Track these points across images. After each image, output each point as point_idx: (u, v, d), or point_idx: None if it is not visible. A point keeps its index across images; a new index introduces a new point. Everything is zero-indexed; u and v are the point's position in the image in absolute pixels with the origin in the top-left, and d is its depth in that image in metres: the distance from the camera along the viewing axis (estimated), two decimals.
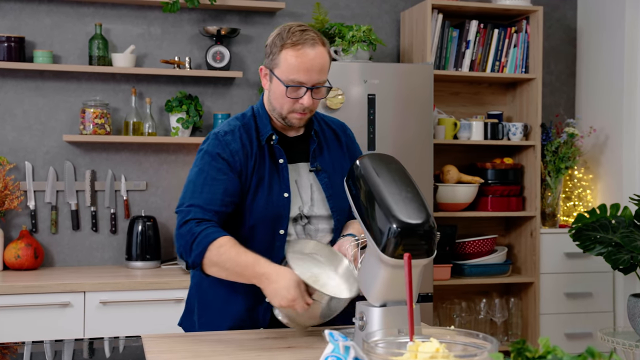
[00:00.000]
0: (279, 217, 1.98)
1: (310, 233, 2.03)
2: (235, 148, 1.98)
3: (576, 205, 4.23)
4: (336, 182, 2.05)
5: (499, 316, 3.92)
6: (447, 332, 1.44)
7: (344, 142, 2.16)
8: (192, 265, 1.89)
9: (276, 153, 2.02)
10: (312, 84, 1.95)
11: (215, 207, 1.92)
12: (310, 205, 2.04)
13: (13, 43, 3.48)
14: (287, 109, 1.99)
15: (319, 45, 1.96)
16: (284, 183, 2.00)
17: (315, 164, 2.07)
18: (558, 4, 4.37)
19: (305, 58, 1.93)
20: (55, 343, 2.07)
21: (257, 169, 1.99)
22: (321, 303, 1.78)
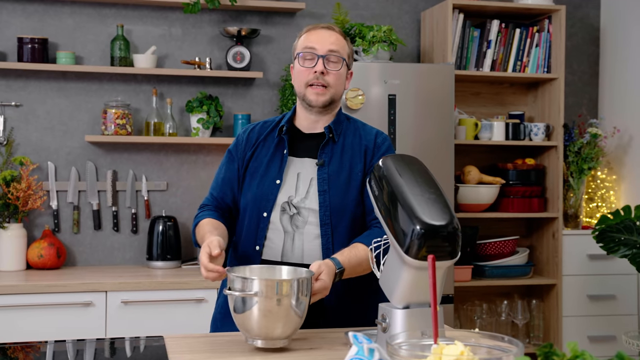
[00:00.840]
0: (266, 201, 2.08)
1: (298, 224, 2.07)
2: (242, 139, 2.20)
3: (599, 207, 4.19)
4: (337, 180, 2.09)
5: (520, 318, 3.89)
6: (472, 334, 1.43)
7: (366, 147, 2.15)
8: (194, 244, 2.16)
9: (283, 144, 2.14)
10: (324, 52, 2.07)
11: (215, 193, 2.20)
12: (303, 197, 2.08)
13: (37, 44, 3.51)
14: (304, 81, 2.10)
15: (333, 30, 2.14)
16: (280, 171, 2.10)
17: (321, 158, 2.11)
18: (580, 2, 4.33)
19: (317, 33, 2.12)
20: (77, 342, 2.09)
21: (256, 156, 2.15)
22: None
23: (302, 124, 2.17)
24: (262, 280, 1.71)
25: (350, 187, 2.10)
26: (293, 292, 1.72)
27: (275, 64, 3.89)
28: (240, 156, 2.17)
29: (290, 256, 2.07)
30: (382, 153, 2.15)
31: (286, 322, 1.73)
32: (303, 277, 1.76)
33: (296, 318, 1.75)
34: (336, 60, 2.09)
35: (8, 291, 3.07)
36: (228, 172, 2.18)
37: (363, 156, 2.14)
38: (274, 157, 2.13)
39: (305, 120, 2.16)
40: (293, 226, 2.07)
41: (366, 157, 2.14)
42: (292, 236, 2.07)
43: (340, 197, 2.07)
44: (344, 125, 2.17)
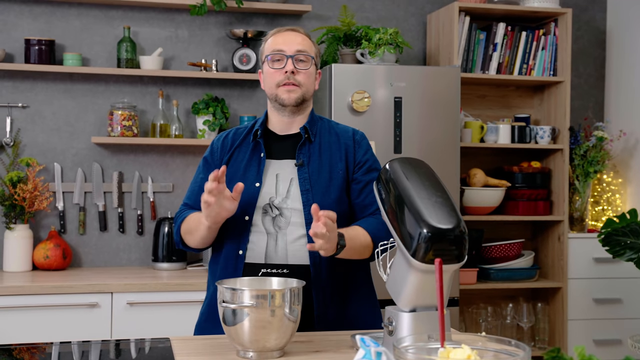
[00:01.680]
0: (247, 204, 2.08)
1: (280, 225, 2.07)
2: (217, 146, 2.21)
3: (605, 210, 4.18)
4: (319, 179, 2.10)
5: (525, 321, 3.88)
6: (478, 338, 1.42)
7: (345, 144, 2.17)
8: (176, 244, 2.19)
9: (259, 148, 2.15)
10: (293, 52, 2.11)
11: (191, 201, 2.20)
12: (284, 197, 2.08)
13: (44, 46, 3.53)
14: (275, 82, 2.12)
15: (299, 31, 2.17)
16: (259, 174, 2.11)
17: (300, 159, 2.12)
18: (587, 5, 4.33)
19: (283, 35, 2.15)
20: (82, 344, 2.08)
21: (233, 161, 2.15)
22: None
23: (276, 126, 2.18)
24: (252, 290, 1.69)
25: (332, 185, 2.11)
26: (286, 302, 1.70)
27: None
28: (217, 163, 2.17)
29: (274, 257, 2.06)
30: (364, 150, 2.19)
31: (280, 333, 1.70)
32: (295, 287, 1.74)
33: (289, 328, 1.72)
34: (305, 59, 2.12)
35: (14, 292, 3.07)
36: (205, 180, 2.11)
37: (344, 155, 2.16)
38: (251, 161, 2.14)
39: (279, 122, 2.17)
40: (275, 227, 2.07)
41: (347, 156, 2.16)
42: (274, 237, 2.07)
43: (322, 196, 2.08)
44: (318, 125, 2.19)
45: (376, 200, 2.14)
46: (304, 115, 2.18)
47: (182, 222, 2.14)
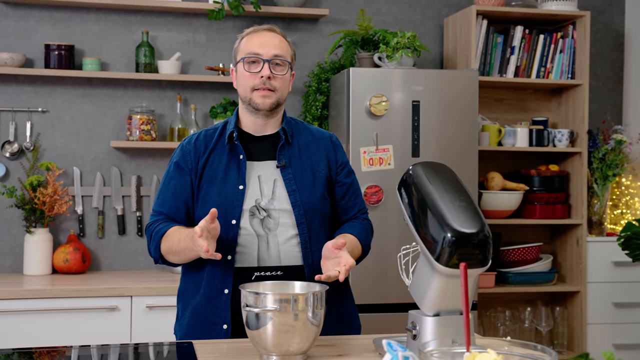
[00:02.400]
0: (231, 208, 2.05)
1: (270, 226, 2.06)
2: (188, 150, 2.13)
3: (624, 213, 4.15)
4: (303, 179, 2.10)
5: (544, 325, 3.86)
6: (503, 342, 1.42)
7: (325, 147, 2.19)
8: (155, 260, 2.11)
9: (237, 150, 2.11)
10: (269, 57, 2.07)
11: (165, 209, 2.12)
12: (270, 198, 2.07)
13: (63, 51, 3.55)
14: (250, 86, 2.08)
15: (275, 32, 2.13)
16: (241, 177, 2.08)
17: (281, 160, 2.11)
18: (605, 8, 4.31)
19: (260, 36, 2.11)
20: (101, 347, 2.09)
21: (210, 164, 2.10)
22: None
23: (250, 127, 2.15)
24: (276, 294, 1.69)
25: (316, 184, 2.12)
26: (309, 305, 1.70)
27: (299, 70, 3.91)
28: (191, 167, 2.11)
29: (267, 260, 2.05)
30: (342, 152, 2.22)
31: (303, 337, 1.70)
32: (318, 291, 1.74)
33: (312, 332, 1.72)
34: (281, 64, 2.09)
35: (34, 295, 3.10)
36: (179, 186, 2.11)
37: (325, 156, 2.17)
38: (230, 164, 2.10)
39: (253, 124, 2.14)
40: (265, 229, 2.06)
41: (328, 157, 2.17)
42: (265, 239, 2.05)
43: (309, 195, 2.09)
44: (293, 126, 2.19)
45: (359, 201, 2.21)
46: (277, 117, 2.16)
47: (162, 239, 2.06)
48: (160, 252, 2.07)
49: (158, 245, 2.07)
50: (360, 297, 3.38)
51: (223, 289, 2.04)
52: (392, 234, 3.40)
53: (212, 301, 2.05)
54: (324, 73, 3.76)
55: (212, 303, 2.05)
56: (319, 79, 3.74)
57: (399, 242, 3.33)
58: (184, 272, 2.16)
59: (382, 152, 3.38)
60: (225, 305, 2.04)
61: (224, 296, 2.04)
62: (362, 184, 3.37)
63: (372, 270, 3.39)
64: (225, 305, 2.04)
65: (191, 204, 2.12)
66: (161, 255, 2.08)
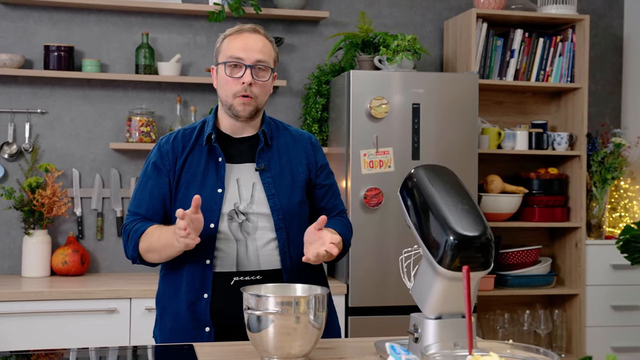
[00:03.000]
0: (210, 211, 2.02)
1: (248, 230, 2.05)
2: (166, 150, 2.10)
3: (622, 217, 4.16)
4: (282, 183, 2.09)
5: (543, 328, 3.86)
6: (505, 345, 1.42)
7: (304, 149, 2.17)
8: (132, 260, 2.08)
9: (216, 152, 2.08)
10: (252, 62, 2.03)
11: (142, 210, 2.09)
12: (249, 202, 2.05)
13: (63, 52, 3.55)
14: (231, 92, 2.05)
15: (259, 33, 2.08)
16: (220, 180, 2.05)
17: (260, 163, 2.09)
18: (604, 12, 4.32)
19: (243, 38, 2.05)
20: (100, 350, 2.08)
21: (188, 165, 2.07)
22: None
23: (229, 129, 2.13)
24: (277, 297, 1.69)
25: (295, 188, 2.11)
26: (310, 308, 1.69)
27: (299, 72, 3.91)
28: (169, 167, 2.08)
29: (246, 264, 2.03)
30: (321, 153, 2.20)
31: (304, 339, 1.70)
32: (319, 294, 1.73)
33: (314, 335, 1.71)
34: (264, 69, 2.06)
35: (32, 297, 3.09)
36: (157, 187, 2.08)
37: (304, 159, 2.15)
38: (209, 166, 2.07)
39: (231, 126, 2.12)
40: (244, 233, 2.04)
41: (308, 159, 2.16)
42: (244, 243, 2.04)
43: (288, 199, 2.07)
44: (272, 128, 2.17)
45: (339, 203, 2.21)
46: (257, 119, 2.14)
47: (141, 238, 2.04)
48: (139, 251, 2.04)
49: (136, 244, 2.04)
50: (361, 299, 3.39)
51: (202, 294, 2.02)
52: (392, 236, 3.40)
53: (191, 305, 2.04)
54: (324, 75, 3.76)
55: (192, 307, 2.04)
56: (319, 81, 3.75)
57: (399, 245, 3.34)
58: (162, 275, 2.15)
59: (382, 154, 3.39)
60: (204, 310, 2.03)
61: (203, 300, 2.03)
62: (362, 187, 3.37)
63: (373, 273, 3.39)
64: (205, 310, 2.03)
65: (169, 205, 2.09)
66: (139, 255, 2.05)
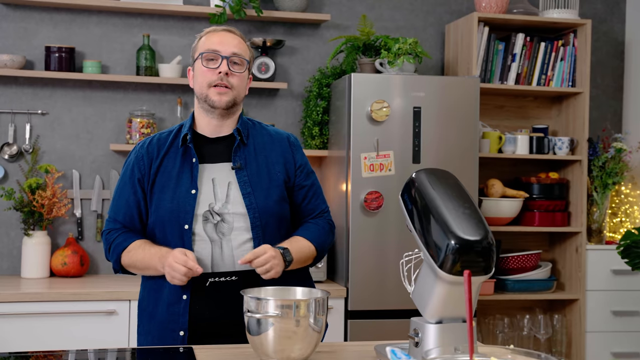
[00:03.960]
0: (184, 213, 2.02)
1: (223, 231, 2.04)
2: (141, 154, 2.11)
3: (623, 222, 4.15)
4: (259, 181, 2.08)
5: (542, 333, 3.85)
6: (506, 350, 1.41)
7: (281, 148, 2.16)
8: (114, 270, 2.14)
9: (190, 153, 2.08)
10: (228, 54, 2.05)
11: (119, 217, 2.12)
12: (224, 202, 2.04)
13: (64, 53, 3.55)
14: (207, 82, 2.06)
15: (234, 33, 2.12)
16: (194, 181, 2.05)
17: (237, 162, 2.08)
18: (606, 17, 4.31)
19: (219, 35, 2.09)
20: (99, 351, 2.07)
21: (163, 169, 2.08)
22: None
23: (205, 129, 2.12)
24: (277, 300, 1.68)
25: (272, 187, 2.09)
26: (310, 311, 1.69)
27: (300, 75, 3.90)
28: (144, 172, 2.09)
29: (221, 265, 2.03)
30: (300, 153, 2.19)
31: (304, 343, 1.69)
32: (320, 297, 1.73)
33: (314, 338, 1.71)
34: (240, 62, 2.08)
35: (32, 299, 3.08)
36: (132, 195, 2.10)
37: (282, 158, 2.14)
38: (183, 167, 2.07)
39: (208, 125, 2.11)
40: (219, 234, 2.03)
41: (285, 159, 2.14)
42: (219, 244, 2.03)
43: (265, 198, 2.06)
44: (249, 127, 2.16)
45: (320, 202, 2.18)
46: (233, 118, 2.13)
47: (123, 253, 2.07)
48: (121, 264, 2.10)
49: (119, 258, 2.09)
50: (360, 303, 3.38)
51: (182, 295, 2.02)
52: (392, 240, 3.39)
53: (170, 307, 2.04)
54: (325, 78, 3.75)
55: (170, 309, 2.04)
56: (320, 84, 3.74)
57: (399, 249, 3.34)
58: (143, 279, 2.15)
59: (382, 158, 3.38)
60: (183, 312, 2.02)
61: (182, 302, 2.02)
62: (363, 190, 3.37)
63: (373, 276, 3.39)
64: (184, 312, 2.02)
65: (144, 211, 2.10)
66: (121, 267, 2.11)
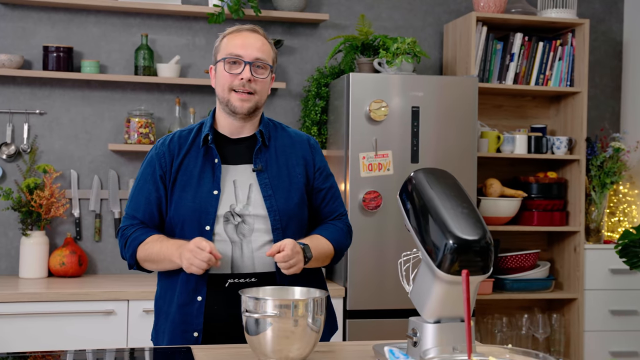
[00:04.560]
0: (205, 213, 2.01)
1: (244, 232, 2.03)
2: (162, 152, 2.09)
3: (621, 221, 4.16)
4: (279, 184, 2.07)
5: (541, 332, 3.86)
6: (505, 350, 1.41)
7: (302, 150, 2.16)
8: (129, 265, 2.11)
9: (212, 153, 2.07)
10: (251, 59, 2.03)
11: (139, 214, 2.09)
12: (245, 204, 2.04)
13: (62, 53, 3.54)
14: (228, 86, 2.04)
15: (258, 33, 2.09)
16: (216, 181, 2.04)
17: (258, 164, 2.08)
18: (604, 16, 4.32)
19: (242, 37, 2.06)
20: (97, 352, 2.07)
21: (184, 167, 2.06)
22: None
23: (226, 129, 2.11)
24: (276, 300, 1.68)
25: (292, 190, 2.09)
26: (309, 311, 1.69)
27: (298, 74, 3.90)
28: (165, 169, 2.07)
29: (241, 266, 2.02)
30: (320, 155, 2.19)
31: (302, 343, 1.69)
32: (318, 297, 1.73)
33: (312, 338, 1.71)
34: (263, 67, 2.05)
35: (30, 299, 3.08)
36: (153, 192, 2.08)
37: (302, 160, 2.14)
38: (205, 167, 2.06)
39: (229, 126, 2.10)
40: (239, 235, 2.03)
41: (306, 161, 2.14)
42: (239, 245, 2.03)
43: (285, 201, 2.06)
44: (271, 129, 2.16)
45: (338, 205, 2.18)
46: (255, 120, 2.12)
47: (139, 247, 2.05)
48: (136, 259, 2.06)
49: (134, 252, 2.06)
50: (359, 302, 3.38)
51: (196, 296, 2.01)
52: (391, 239, 3.40)
53: (184, 308, 2.03)
54: (324, 78, 3.75)
55: (184, 310, 2.03)
56: (318, 83, 3.74)
57: (398, 248, 3.34)
58: (159, 278, 2.14)
59: (381, 157, 3.38)
60: (197, 313, 2.01)
61: (196, 303, 2.01)
62: (361, 190, 3.37)
63: (371, 276, 3.38)
64: (198, 313, 2.01)
65: (164, 209, 2.09)
66: (136, 262, 2.08)
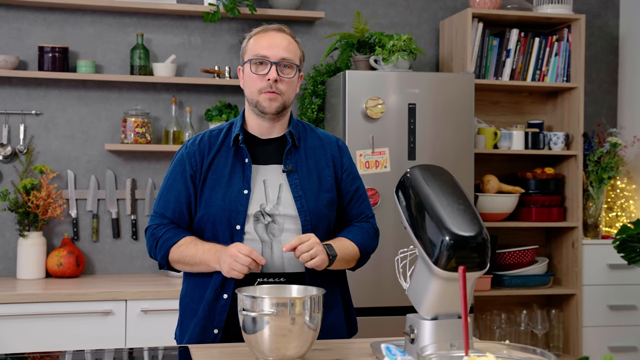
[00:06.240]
0: (236, 213, 2.02)
1: (274, 232, 2.03)
2: (192, 150, 2.10)
3: (619, 216, 4.16)
4: (309, 185, 2.08)
5: (540, 328, 3.86)
6: (502, 346, 1.41)
7: (331, 152, 2.16)
8: (159, 265, 2.10)
9: (242, 153, 2.08)
10: (277, 60, 2.03)
11: (168, 213, 2.09)
12: (275, 204, 2.04)
13: (57, 53, 3.54)
14: (256, 88, 2.05)
15: (284, 32, 2.09)
16: (246, 181, 2.04)
17: (288, 165, 2.08)
18: (600, 12, 4.31)
19: (268, 37, 2.07)
20: (95, 352, 2.07)
21: (214, 166, 2.07)
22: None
23: (256, 130, 2.11)
24: (273, 298, 1.68)
25: (322, 190, 2.09)
26: (306, 309, 1.69)
27: None
28: (195, 168, 2.08)
29: (271, 266, 2.02)
30: (348, 157, 2.19)
31: (300, 341, 1.69)
32: (315, 295, 1.73)
33: (310, 336, 1.70)
34: (289, 67, 2.05)
35: (27, 300, 3.07)
36: (183, 191, 2.08)
37: (331, 161, 2.14)
38: (235, 167, 2.07)
39: (259, 126, 2.11)
40: (269, 235, 2.03)
41: (334, 162, 2.15)
42: (269, 245, 2.03)
43: (315, 202, 2.06)
44: (300, 129, 2.16)
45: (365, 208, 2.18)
46: (284, 120, 2.13)
47: (172, 249, 2.05)
48: (168, 261, 2.06)
49: (167, 253, 2.05)
50: (357, 300, 3.36)
51: (222, 294, 2.02)
52: (388, 237, 3.39)
53: (209, 304, 2.03)
54: (320, 76, 3.75)
55: (209, 306, 2.03)
56: (314, 81, 3.74)
57: (395, 245, 3.32)
58: (186, 275, 2.14)
59: (378, 155, 3.38)
60: (222, 310, 2.02)
61: (222, 301, 2.02)
62: None
63: (368, 274, 3.38)
64: (222, 310, 2.02)
65: (194, 207, 2.09)
66: (168, 262, 2.07)
